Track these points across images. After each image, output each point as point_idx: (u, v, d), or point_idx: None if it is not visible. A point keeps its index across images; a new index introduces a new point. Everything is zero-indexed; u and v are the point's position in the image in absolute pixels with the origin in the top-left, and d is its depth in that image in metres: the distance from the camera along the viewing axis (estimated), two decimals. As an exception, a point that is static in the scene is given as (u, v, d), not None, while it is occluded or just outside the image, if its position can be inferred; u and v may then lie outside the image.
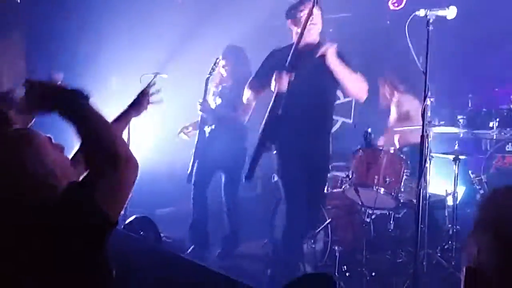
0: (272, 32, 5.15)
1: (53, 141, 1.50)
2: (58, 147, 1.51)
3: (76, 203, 1.31)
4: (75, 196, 1.32)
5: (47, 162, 1.41)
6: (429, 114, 3.56)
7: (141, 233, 3.37)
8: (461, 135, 4.32)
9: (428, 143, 2.84)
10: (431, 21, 2.56)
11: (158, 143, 5.80)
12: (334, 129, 6.60)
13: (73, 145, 1.70)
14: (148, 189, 5.17)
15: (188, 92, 5.00)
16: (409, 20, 2.59)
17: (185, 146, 5.23)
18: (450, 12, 2.60)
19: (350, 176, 3.90)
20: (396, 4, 5.46)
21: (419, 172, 2.95)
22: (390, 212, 4.02)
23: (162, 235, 4.00)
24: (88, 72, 5.23)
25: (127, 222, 3.47)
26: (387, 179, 3.68)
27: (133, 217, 3.53)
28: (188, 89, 5.03)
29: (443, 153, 4.06)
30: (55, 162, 1.44)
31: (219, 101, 4.53)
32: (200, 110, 4.46)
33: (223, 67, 4.49)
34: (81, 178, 1.36)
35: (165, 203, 5.85)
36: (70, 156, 1.71)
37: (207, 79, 4.47)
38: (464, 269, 0.94)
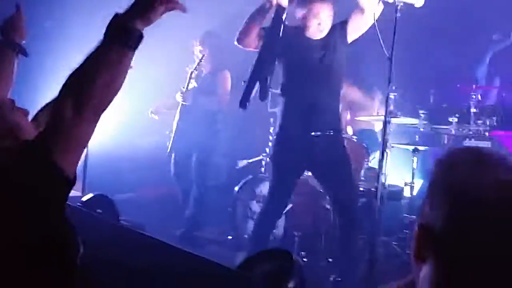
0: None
1: (16, 104, 1.46)
2: (21, 110, 1.47)
3: (30, 160, 1.25)
4: (29, 153, 1.27)
5: (6, 121, 1.37)
6: (391, 107, 3.69)
7: (99, 211, 3.27)
8: (422, 129, 4.43)
9: (388, 130, 2.88)
10: (399, 7, 2.60)
11: (121, 125, 5.67)
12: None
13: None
14: (108, 172, 5.07)
15: (154, 72, 4.91)
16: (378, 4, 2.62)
17: (149, 130, 5.16)
18: (418, 0, 2.65)
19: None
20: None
21: (379, 161, 2.99)
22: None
23: (120, 218, 3.93)
24: (51, 49, 5.04)
25: (84, 199, 3.37)
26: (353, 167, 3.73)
27: (91, 194, 3.43)
28: (154, 70, 4.94)
29: (403, 144, 4.16)
30: (15, 123, 1.40)
31: (195, 85, 4.60)
32: (182, 100, 4.57)
33: (200, 52, 4.58)
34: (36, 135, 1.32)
35: (125, 188, 5.73)
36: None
37: (191, 72, 4.55)
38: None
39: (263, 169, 4.63)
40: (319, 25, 3.20)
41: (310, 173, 3.89)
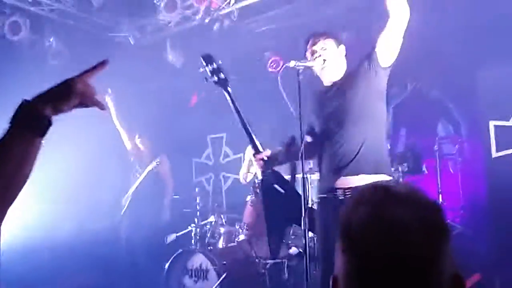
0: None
1: None
2: None
3: None
4: None
5: None
6: (311, 164, 3.79)
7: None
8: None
9: (308, 186, 2.94)
10: (300, 71, 2.76)
11: (39, 213, 5.33)
12: (226, 186, 6.77)
13: None
14: (27, 263, 4.69)
15: (67, 156, 4.78)
16: (281, 71, 2.76)
17: (69, 216, 4.91)
18: (316, 63, 2.85)
19: (243, 228, 3.90)
20: (274, 66, 5.85)
21: (303, 219, 2.94)
22: (284, 260, 4.05)
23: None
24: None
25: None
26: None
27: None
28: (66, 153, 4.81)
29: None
30: None
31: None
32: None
33: (140, 143, 5.13)
34: None
35: (46, 281, 5.27)
36: None
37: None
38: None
39: (193, 241, 4.50)
40: (324, 61, 2.88)
41: (240, 238, 3.84)
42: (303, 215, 2.75)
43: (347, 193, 2.76)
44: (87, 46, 5.59)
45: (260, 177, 3.33)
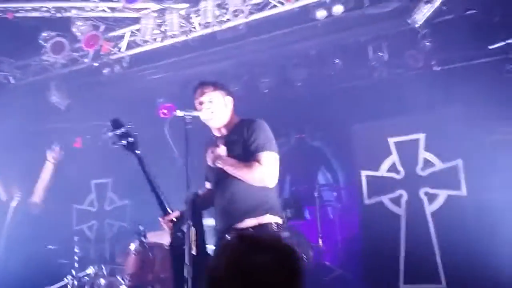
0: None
1: None
2: None
3: None
4: None
5: None
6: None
7: None
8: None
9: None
10: (187, 120, 2.84)
11: None
12: (110, 234, 6.45)
13: None
14: None
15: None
16: (169, 120, 2.81)
17: None
18: (203, 115, 2.95)
19: (125, 279, 3.74)
20: (165, 112, 5.90)
21: (186, 267, 2.88)
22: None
23: None
24: None
25: None
26: (162, 275, 3.65)
27: None
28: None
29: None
30: None
31: None
32: None
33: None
34: None
35: None
36: None
37: None
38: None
39: (71, 294, 4.19)
40: (212, 113, 2.97)
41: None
42: (187, 263, 2.73)
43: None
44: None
45: (169, 239, 3.27)
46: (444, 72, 5.25)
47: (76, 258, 4.14)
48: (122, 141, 2.94)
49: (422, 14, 4.67)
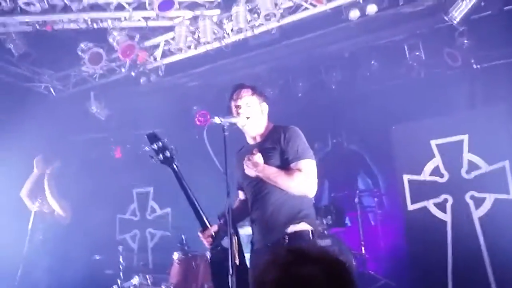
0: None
1: None
2: None
3: None
4: None
5: None
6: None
7: None
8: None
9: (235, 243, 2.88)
10: (225, 127, 2.80)
11: None
12: (152, 243, 6.50)
13: None
14: None
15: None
16: (206, 127, 2.78)
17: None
18: (239, 120, 2.91)
19: (169, 289, 3.74)
20: (201, 119, 5.91)
21: (230, 277, 2.86)
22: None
23: None
24: None
25: None
26: (206, 285, 3.63)
27: None
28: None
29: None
30: None
31: None
32: None
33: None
34: None
35: None
36: None
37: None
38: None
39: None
40: (248, 118, 2.89)
41: None
42: (231, 273, 2.69)
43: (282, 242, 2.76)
44: (3, 96, 5.33)
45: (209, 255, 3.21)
46: (484, 70, 5.02)
47: (121, 268, 4.17)
48: (159, 156, 2.92)
49: (459, 10, 4.49)
